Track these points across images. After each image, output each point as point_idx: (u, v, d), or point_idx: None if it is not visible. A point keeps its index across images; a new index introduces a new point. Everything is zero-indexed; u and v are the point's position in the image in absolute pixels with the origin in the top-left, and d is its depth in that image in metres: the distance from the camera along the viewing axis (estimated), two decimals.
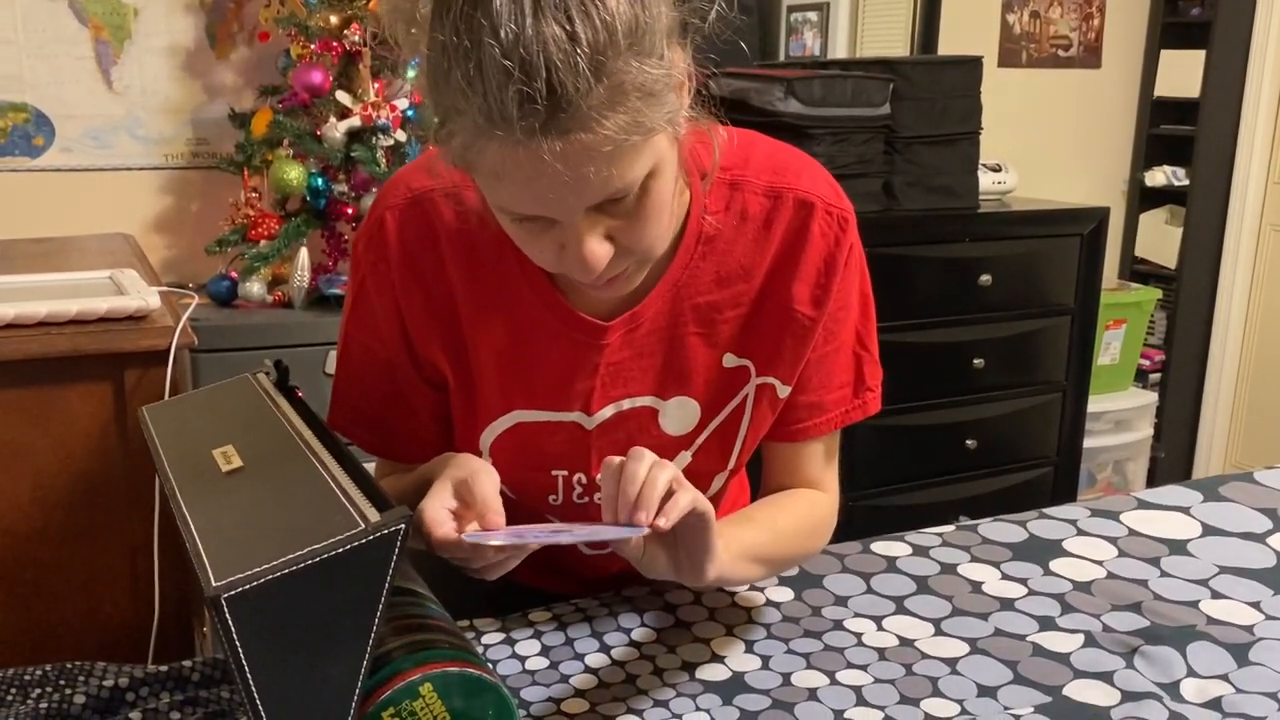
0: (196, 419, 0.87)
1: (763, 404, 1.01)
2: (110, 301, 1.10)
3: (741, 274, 0.96)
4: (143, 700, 0.92)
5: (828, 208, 0.95)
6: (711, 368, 0.98)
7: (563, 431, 0.99)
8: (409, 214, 0.94)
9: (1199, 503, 1.33)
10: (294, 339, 2.09)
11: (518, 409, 0.98)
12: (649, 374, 0.98)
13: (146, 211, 2.43)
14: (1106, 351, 3.12)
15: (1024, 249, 2.68)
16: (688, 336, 0.97)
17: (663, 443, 1.00)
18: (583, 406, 0.98)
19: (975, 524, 1.29)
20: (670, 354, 0.97)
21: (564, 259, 0.80)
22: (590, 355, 0.96)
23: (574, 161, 0.72)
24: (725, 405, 1.00)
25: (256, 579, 0.61)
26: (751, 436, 1.03)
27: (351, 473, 0.73)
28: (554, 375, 0.97)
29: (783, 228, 0.95)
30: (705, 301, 0.96)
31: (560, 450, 1.00)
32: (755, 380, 1.00)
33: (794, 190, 0.95)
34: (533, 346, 0.96)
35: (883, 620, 1.08)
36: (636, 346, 0.96)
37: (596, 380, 0.96)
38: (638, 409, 0.99)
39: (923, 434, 2.65)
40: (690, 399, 0.99)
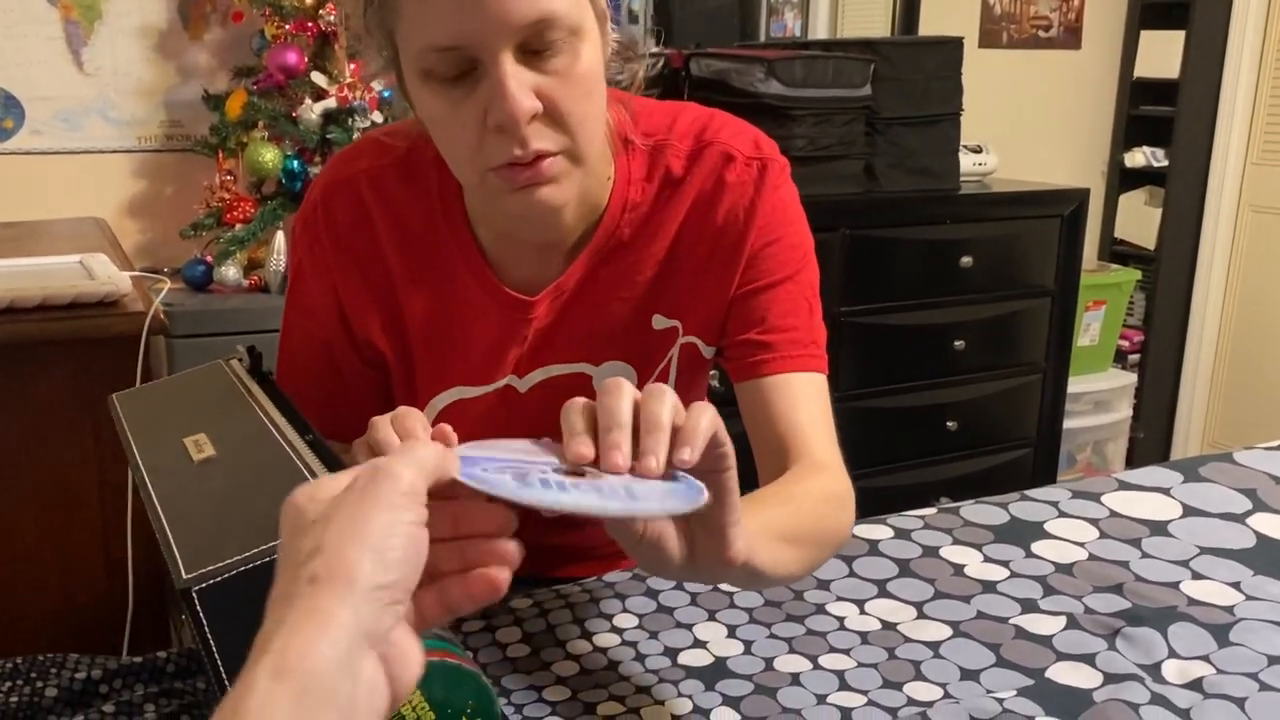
0: (168, 406, 0.86)
1: (687, 362, 1.01)
2: (79, 286, 1.08)
3: (656, 231, 0.96)
4: (116, 692, 0.91)
5: (747, 159, 0.95)
6: (641, 330, 0.99)
7: (494, 397, 1.00)
8: (342, 194, 0.95)
9: (1179, 483, 1.33)
10: (270, 324, 2.06)
11: (454, 385, 0.99)
12: (576, 340, 0.98)
13: (119, 195, 2.40)
14: (1086, 333, 3.13)
15: (1004, 230, 2.68)
16: (612, 301, 0.97)
17: None
18: (514, 370, 0.99)
19: (957, 506, 1.29)
20: (598, 321, 0.98)
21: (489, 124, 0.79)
22: (519, 328, 0.97)
23: None
24: (656, 365, 1.01)
25: (227, 571, 0.60)
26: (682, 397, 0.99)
27: (326, 461, 0.71)
28: (484, 350, 0.98)
29: (699, 179, 0.95)
30: (626, 263, 0.96)
31: (496, 416, 1.00)
32: (681, 340, 1.00)
33: (715, 144, 0.95)
34: (462, 320, 0.97)
35: (865, 604, 1.08)
36: (561, 313, 0.97)
37: (525, 347, 0.98)
38: (571, 375, 0.99)
39: (903, 416, 2.65)
40: (623, 363, 1.00)
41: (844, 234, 2.36)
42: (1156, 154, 3.38)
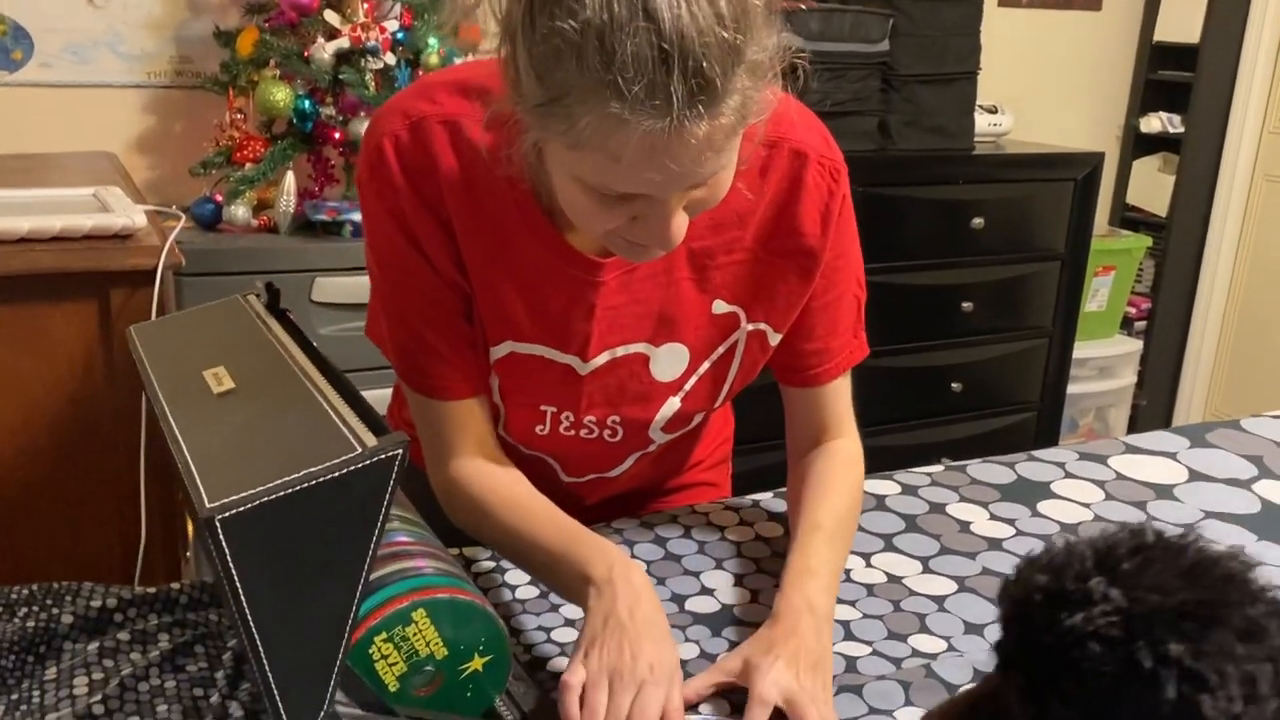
0: (186, 340, 0.86)
1: (753, 349, 1.02)
2: (96, 219, 1.07)
3: (736, 220, 0.95)
4: (130, 621, 0.92)
5: (820, 159, 0.96)
6: (702, 314, 0.98)
7: (556, 371, 0.98)
8: (407, 140, 0.91)
9: (1186, 448, 1.34)
10: (280, 265, 2.05)
11: (512, 340, 0.97)
12: (644, 320, 0.97)
13: (129, 131, 2.38)
14: (1094, 298, 3.13)
15: (1017, 193, 2.66)
16: (681, 281, 0.96)
17: (653, 389, 1.00)
18: (579, 350, 0.97)
19: (964, 464, 1.30)
20: (664, 299, 0.97)
21: (633, 229, 0.81)
22: (586, 294, 0.95)
23: (711, 145, 0.73)
24: (714, 351, 1.01)
25: (250, 501, 0.60)
26: (739, 380, 1.04)
27: (347, 397, 0.71)
28: (551, 311, 0.96)
29: (777, 176, 0.95)
30: (700, 247, 0.95)
31: (552, 389, 1.00)
32: (746, 326, 1.00)
33: (789, 140, 0.95)
34: (529, 281, 0.95)
35: (871, 557, 1.09)
36: (632, 291, 0.96)
37: (594, 325, 0.96)
38: (630, 355, 0.99)
39: (908, 376, 2.65)
40: (681, 345, 0.99)
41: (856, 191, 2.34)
42: (1173, 120, 3.35)
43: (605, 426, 1.03)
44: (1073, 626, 0.55)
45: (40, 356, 1.07)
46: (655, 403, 1.02)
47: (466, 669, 0.76)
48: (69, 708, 0.81)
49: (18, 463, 1.10)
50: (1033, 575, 0.59)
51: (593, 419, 1.02)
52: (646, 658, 0.79)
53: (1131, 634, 0.54)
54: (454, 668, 0.76)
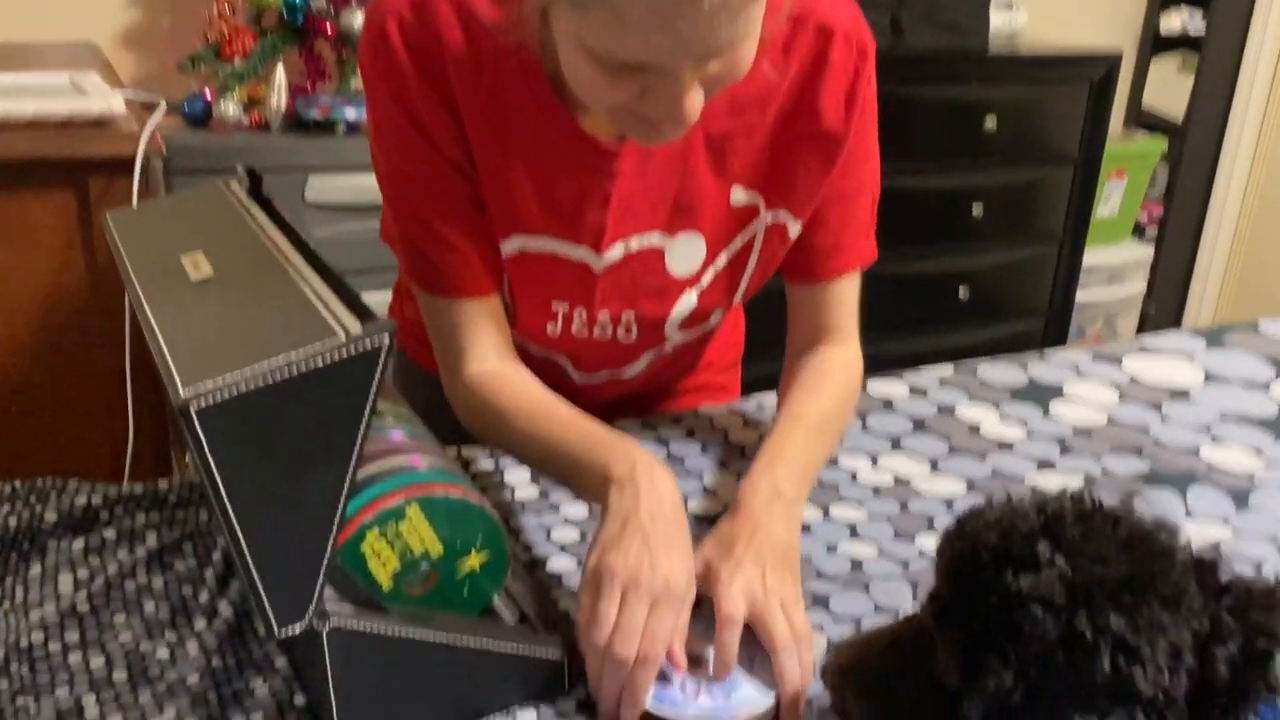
0: (164, 226, 0.82)
1: (773, 241, 0.97)
2: (71, 103, 1.02)
3: (756, 102, 0.90)
4: (117, 519, 0.90)
5: (848, 34, 0.90)
6: (720, 203, 0.94)
7: (569, 268, 0.94)
8: (411, 18, 0.85)
9: (1202, 350, 1.30)
10: (271, 162, 1.99)
11: (521, 234, 0.93)
12: (659, 208, 0.93)
13: (114, 23, 2.29)
14: (1106, 203, 3.06)
15: (1031, 94, 2.58)
16: (698, 167, 0.92)
17: (668, 284, 0.96)
18: (592, 243, 0.93)
19: (974, 364, 1.27)
20: (680, 186, 0.92)
21: (643, 105, 0.75)
22: (602, 183, 0.90)
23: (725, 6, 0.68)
24: (731, 242, 0.96)
25: (228, 390, 0.57)
26: (758, 275, 1.00)
27: (331, 283, 0.67)
28: (564, 200, 0.91)
29: (801, 54, 0.90)
30: (718, 130, 0.90)
31: (565, 286, 0.96)
32: (765, 217, 0.95)
33: (815, 15, 0.89)
34: (542, 171, 0.90)
35: (878, 458, 1.06)
36: (648, 177, 0.91)
37: (608, 214, 0.91)
38: (645, 250, 0.94)
39: (915, 282, 2.61)
40: (697, 235, 0.95)
41: None
42: (1195, 17, 3.23)
43: (619, 324, 0.99)
44: (1019, 589, 0.56)
45: (18, 248, 1.03)
46: (671, 298, 0.98)
47: (463, 567, 0.74)
48: (54, 605, 0.79)
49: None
50: (980, 532, 0.59)
51: (607, 316, 0.97)
52: (663, 570, 0.74)
53: (1073, 602, 0.55)
54: (450, 566, 0.73)
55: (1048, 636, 0.55)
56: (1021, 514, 0.60)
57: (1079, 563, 0.56)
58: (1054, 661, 0.55)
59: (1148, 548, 0.58)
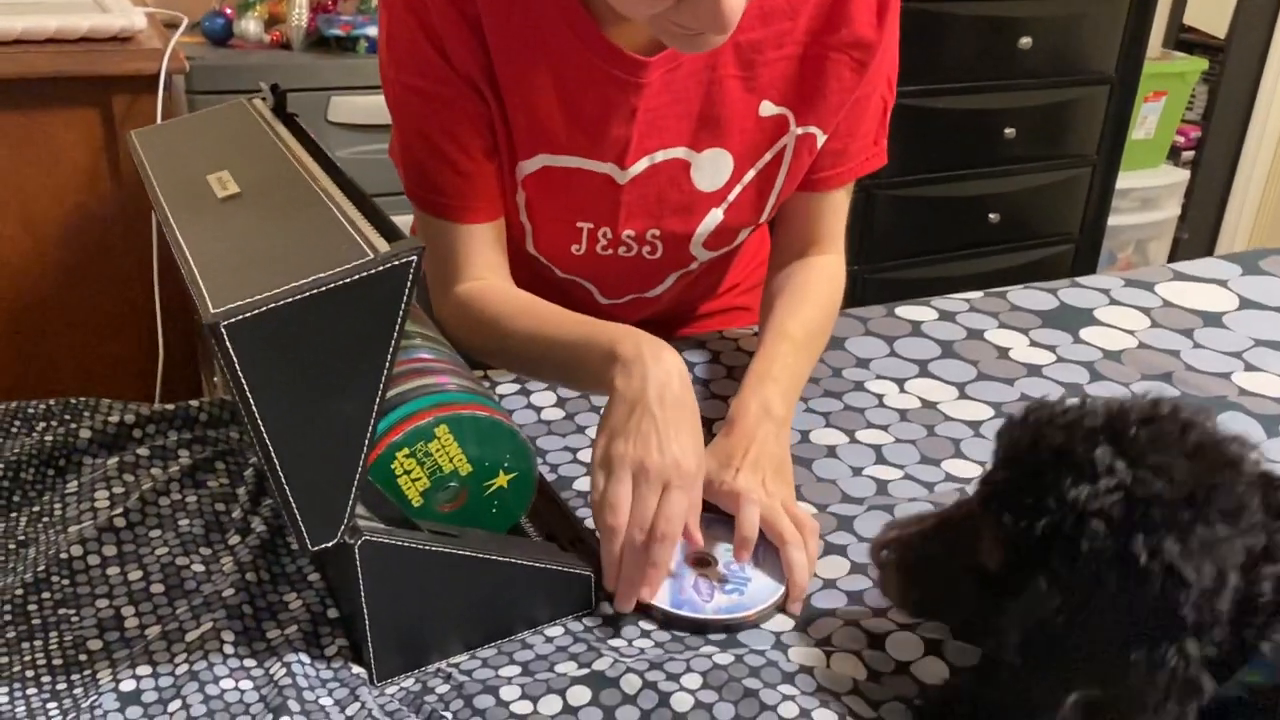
0: (189, 144, 0.81)
1: (802, 155, 0.96)
2: (92, 19, 1.01)
3: (787, 10, 0.88)
4: (149, 437, 0.91)
5: None
6: (748, 116, 0.92)
7: (593, 183, 0.93)
8: None
9: (1237, 275, 1.28)
10: (293, 81, 1.97)
11: (548, 151, 0.92)
12: (685, 121, 0.91)
13: None
14: (1142, 125, 2.99)
15: (1068, 11, 2.51)
16: (726, 79, 0.90)
17: (695, 199, 0.95)
18: (616, 158, 0.92)
19: (1004, 291, 1.25)
20: (707, 99, 0.91)
21: (682, 12, 0.73)
22: (628, 96, 0.89)
23: None
24: (760, 158, 0.95)
25: (258, 307, 0.57)
26: (787, 189, 0.99)
27: (358, 202, 0.67)
28: (590, 116, 0.90)
29: None
30: (746, 40, 0.88)
31: (588, 202, 0.95)
32: (795, 130, 0.93)
33: None
34: (569, 85, 0.88)
35: (905, 383, 1.05)
36: (675, 90, 0.89)
37: (634, 129, 0.90)
38: (670, 161, 0.93)
39: (944, 205, 2.57)
40: (724, 151, 0.93)
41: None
42: None
43: (645, 242, 0.98)
44: (1076, 499, 0.54)
45: (43, 166, 1.03)
46: (697, 215, 0.97)
47: (491, 485, 0.75)
48: (91, 520, 0.81)
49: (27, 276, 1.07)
50: (1044, 423, 0.58)
51: (631, 234, 0.97)
52: (673, 452, 0.74)
53: (1130, 520, 0.53)
54: (478, 484, 0.74)
55: (1102, 553, 0.53)
56: (1090, 411, 0.57)
57: (1139, 474, 0.54)
58: (1104, 584, 0.53)
59: (1214, 457, 0.56)
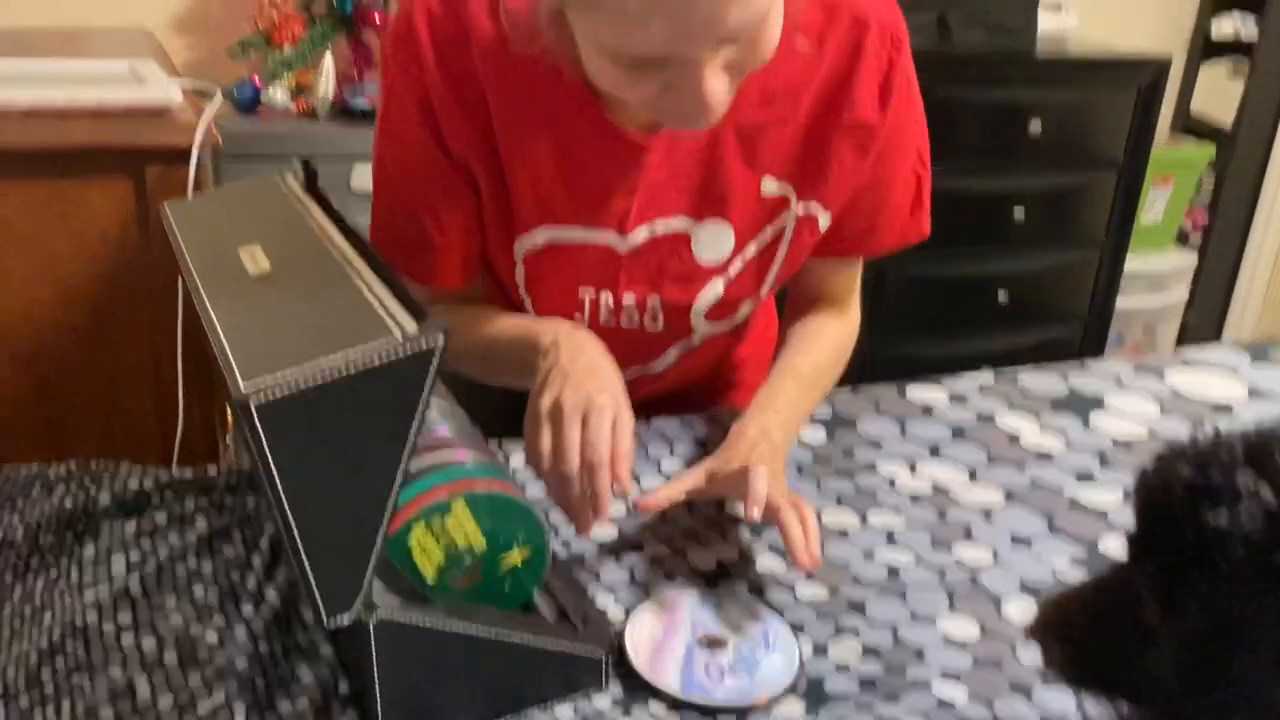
0: (221, 217, 0.83)
1: (802, 234, 0.98)
2: (131, 92, 1.04)
3: (789, 93, 0.91)
4: (167, 503, 0.92)
5: (882, 25, 0.91)
6: (750, 192, 0.94)
7: (593, 252, 0.95)
8: (440, 14, 0.87)
9: (1247, 364, 1.29)
10: (318, 149, 2.02)
11: (550, 224, 0.94)
12: (685, 194, 0.94)
13: (166, 8, 2.32)
14: (1150, 210, 3.02)
15: (1078, 97, 2.55)
16: (728, 157, 0.92)
17: (695, 270, 0.97)
18: (617, 226, 0.94)
19: (1014, 372, 1.26)
20: (709, 174, 0.93)
21: (669, 98, 0.76)
22: (629, 172, 0.91)
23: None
24: (761, 233, 0.97)
25: (287, 386, 0.58)
26: (787, 267, 1.01)
27: (387, 282, 0.69)
28: (591, 190, 0.92)
29: (835, 44, 0.90)
30: (749, 121, 0.91)
31: (589, 270, 0.97)
32: (796, 209, 0.96)
33: (849, 6, 0.89)
34: (570, 160, 0.91)
35: (917, 465, 1.06)
36: (675, 164, 0.92)
37: (634, 200, 0.93)
38: (671, 234, 0.95)
39: (954, 284, 2.59)
40: (725, 224, 0.95)
41: None
42: (1247, 22, 3.19)
43: (645, 310, 1.00)
44: (1217, 523, 0.51)
45: (75, 233, 1.05)
46: (697, 285, 0.98)
47: (505, 562, 0.75)
48: (107, 586, 0.81)
49: (54, 339, 1.09)
50: (1175, 465, 0.55)
51: (632, 300, 0.98)
52: (586, 389, 0.79)
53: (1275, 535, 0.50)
54: (492, 561, 0.75)
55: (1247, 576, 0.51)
56: (1225, 445, 0.56)
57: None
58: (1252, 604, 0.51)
59: None
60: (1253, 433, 0.56)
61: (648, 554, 0.91)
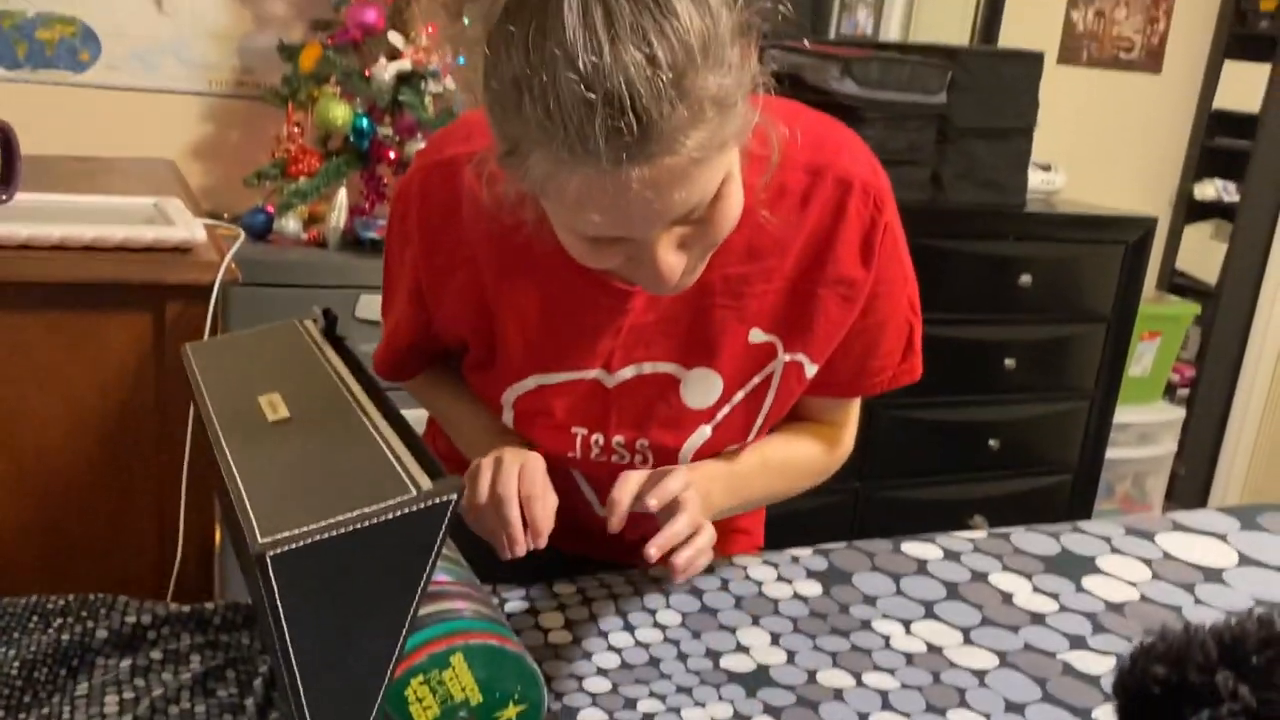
0: (242, 362, 0.86)
1: (789, 381, 1.01)
2: (157, 231, 1.08)
3: (774, 249, 0.95)
4: (164, 640, 0.91)
5: (865, 186, 0.94)
6: (738, 342, 0.97)
7: (582, 388, 0.99)
8: (435, 177, 0.94)
9: (1236, 530, 1.30)
10: (327, 279, 2.07)
11: (538, 372, 0.98)
12: (672, 339, 0.97)
13: (186, 137, 2.41)
14: (1138, 363, 3.08)
15: (1067, 252, 2.64)
16: (715, 308, 0.96)
17: (683, 415, 1.00)
18: (604, 364, 0.98)
19: (1007, 532, 1.27)
20: (695, 323, 0.96)
21: (632, 269, 0.81)
22: (614, 318, 0.96)
23: (660, 185, 0.71)
24: (749, 381, 1.00)
25: (303, 539, 0.59)
26: (774, 413, 1.03)
27: (402, 434, 0.71)
28: (576, 334, 0.97)
29: (819, 205, 0.94)
30: (735, 274, 0.95)
31: (580, 407, 1.00)
32: (783, 357, 0.99)
33: (833, 168, 0.94)
34: (559, 311, 0.96)
35: (911, 624, 1.06)
36: (661, 310, 0.96)
37: (619, 341, 0.96)
38: (659, 375, 0.98)
39: (946, 429, 2.62)
40: (713, 372, 0.98)
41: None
42: (1228, 187, 3.31)
43: (635, 451, 1.02)
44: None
45: (92, 363, 1.08)
46: (685, 430, 1.01)
47: (500, 716, 0.75)
48: None
49: (61, 467, 1.10)
50: (1150, 665, 0.56)
51: (621, 440, 1.01)
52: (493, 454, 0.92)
53: None
54: (488, 714, 0.74)
55: None
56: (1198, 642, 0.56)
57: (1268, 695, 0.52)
58: None
59: None
60: (1224, 627, 0.56)
61: (639, 711, 0.90)
